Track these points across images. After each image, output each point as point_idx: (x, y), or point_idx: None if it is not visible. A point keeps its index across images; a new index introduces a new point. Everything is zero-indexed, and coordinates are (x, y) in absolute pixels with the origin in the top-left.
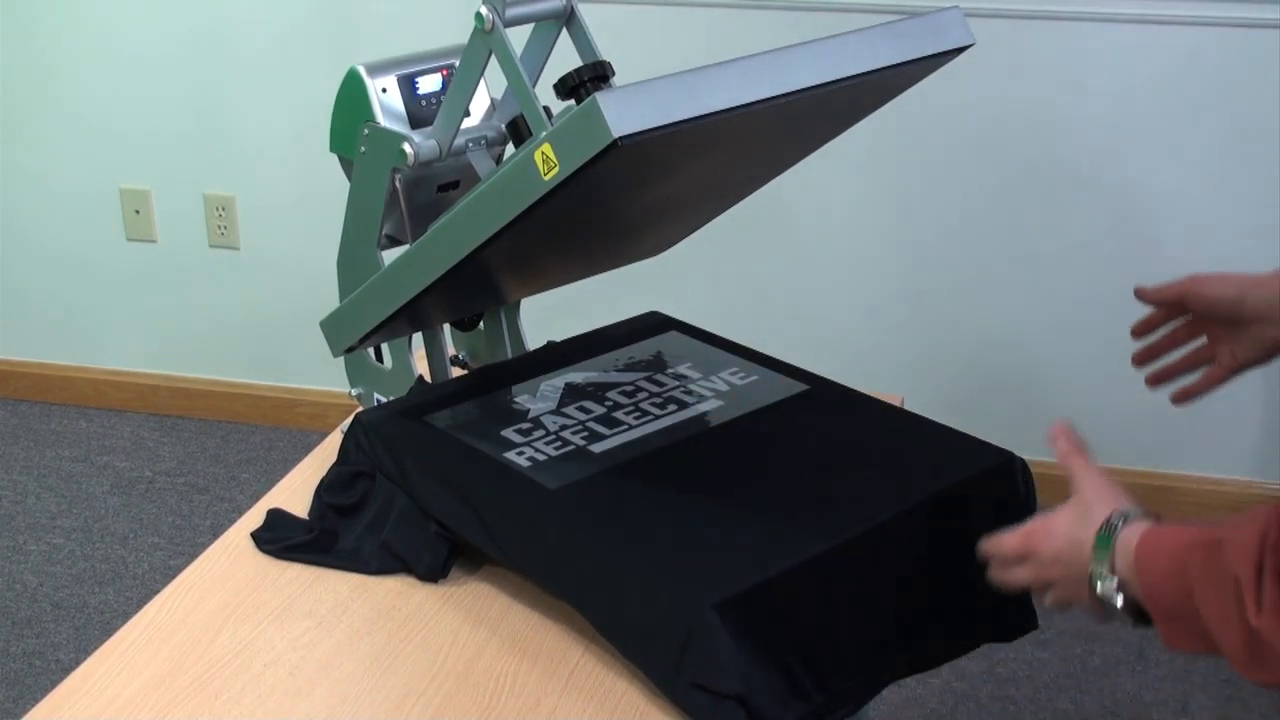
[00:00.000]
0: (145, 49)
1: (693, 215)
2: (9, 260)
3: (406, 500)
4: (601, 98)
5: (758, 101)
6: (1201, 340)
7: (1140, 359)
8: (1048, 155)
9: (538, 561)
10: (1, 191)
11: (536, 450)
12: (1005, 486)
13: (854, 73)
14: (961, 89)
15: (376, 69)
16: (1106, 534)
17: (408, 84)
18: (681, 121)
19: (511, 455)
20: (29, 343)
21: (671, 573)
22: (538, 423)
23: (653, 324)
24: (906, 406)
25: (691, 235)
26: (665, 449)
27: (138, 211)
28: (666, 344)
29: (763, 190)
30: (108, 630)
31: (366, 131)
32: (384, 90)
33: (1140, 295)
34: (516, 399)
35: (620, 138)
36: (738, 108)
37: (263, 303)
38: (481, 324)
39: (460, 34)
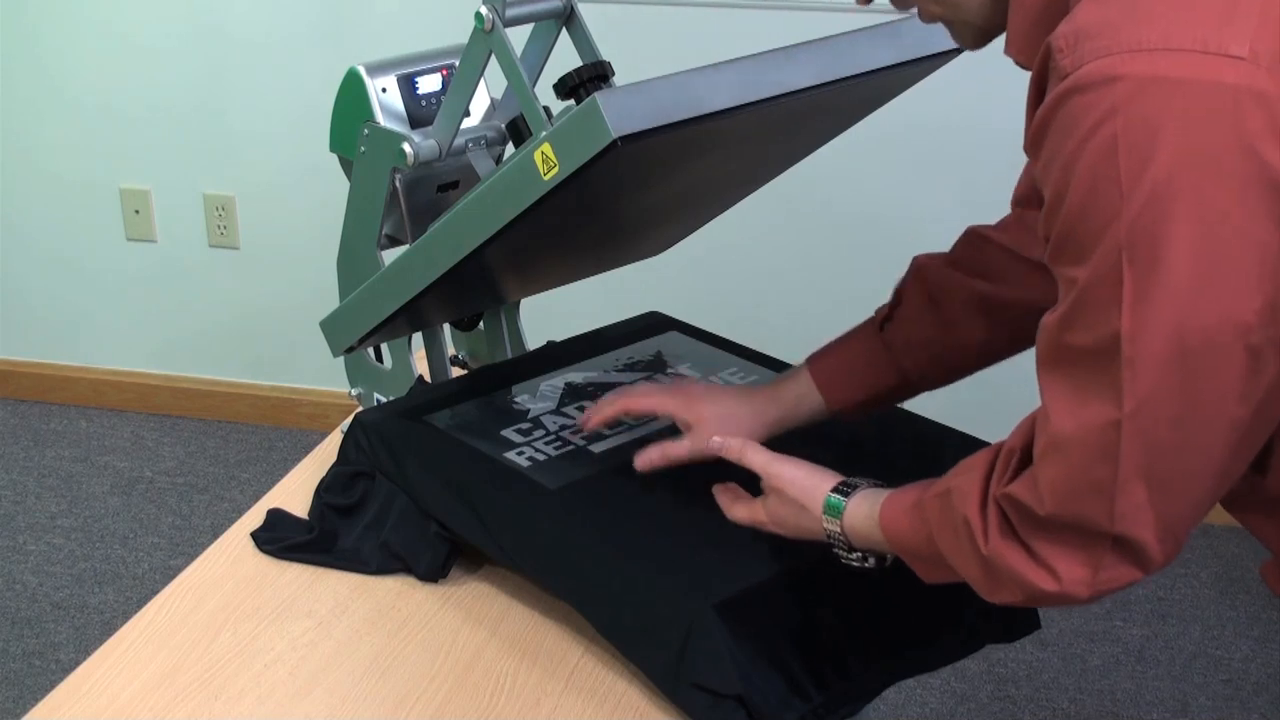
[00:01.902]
0: (145, 49)
1: (693, 215)
2: (9, 260)
3: (406, 500)
4: (601, 98)
5: (758, 101)
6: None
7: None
8: None
9: (538, 561)
10: (1, 191)
11: (536, 450)
12: None
13: (854, 73)
14: (961, 89)
15: (376, 69)
16: (830, 524)
17: (408, 84)
18: (681, 121)
19: (511, 455)
20: (29, 343)
21: (671, 573)
22: (538, 423)
23: (653, 324)
24: (907, 406)
25: (691, 235)
26: None
27: (138, 211)
28: (666, 344)
29: (762, 190)
30: (108, 630)
31: (366, 131)
32: (384, 90)
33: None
34: (516, 399)
35: (620, 138)
36: (738, 108)
37: (263, 303)
38: (481, 324)
39: (460, 34)
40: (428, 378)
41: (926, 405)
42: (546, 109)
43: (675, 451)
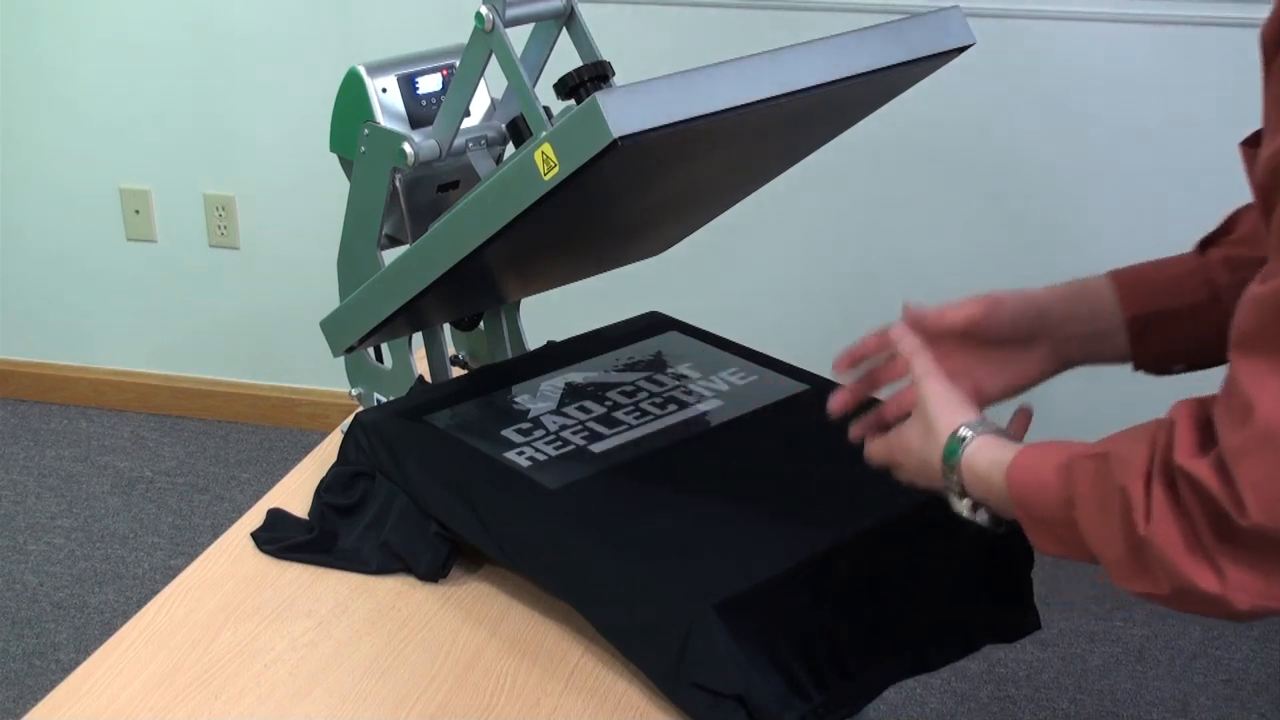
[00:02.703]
0: (146, 49)
1: (693, 215)
2: (9, 260)
3: (406, 500)
4: (601, 98)
5: (758, 101)
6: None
7: (841, 406)
8: (1048, 155)
9: (537, 561)
10: (1, 191)
11: (536, 450)
12: None
13: (854, 73)
14: (961, 89)
15: (376, 69)
16: (950, 458)
17: (408, 84)
18: (681, 121)
19: (511, 455)
20: (29, 343)
21: (672, 573)
22: (538, 423)
23: (653, 324)
24: None
25: (691, 235)
26: (665, 449)
27: (138, 211)
28: (666, 344)
29: (763, 190)
30: (108, 630)
31: (366, 131)
32: (384, 90)
33: (921, 321)
34: (516, 399)
35: (620, 138)
36: (738, 108)
37: (263, 303)
38: (481, 324)
39: (460, 34)
40: (428, 378)
41: None
42: (546, 109)
43: (948, 312)
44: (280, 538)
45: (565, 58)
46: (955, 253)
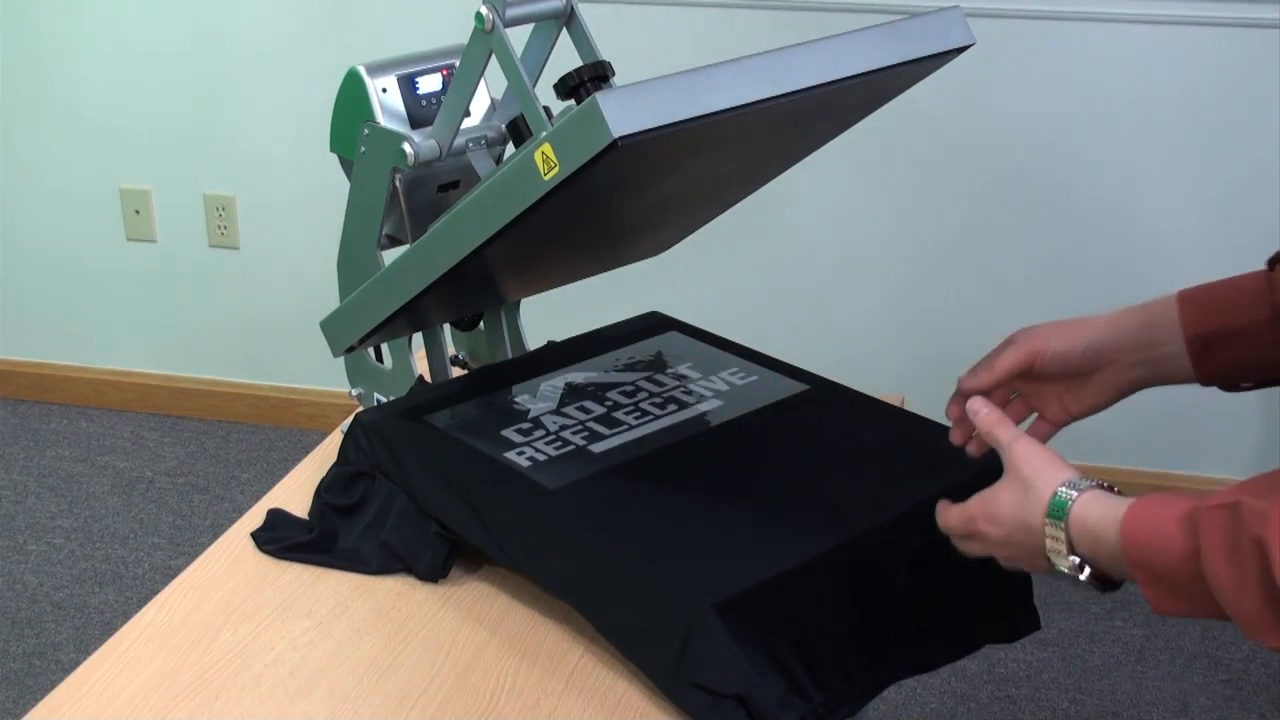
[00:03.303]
0: (146, 49)
1: (693, 215)
2: (9, 260)
3: (406, 500)
4: (601, 98)
5: (758, 101)
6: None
7: (962, 438)
8: (1049, 155)
9: (537, 562)
10: (1, 191)
11: (536, 450)
12: None
13: (854, 73)
14: (961, 89)
15: (376, 69)
16: (1057, 513)
17: (408, 84)
18: (681, 121)
19: (511, 455)
20: (29, 343)
21: (672, 573)
22: (538, 423)
23: (653, 324)
24: (906, 406)
25: (691, 235)
26: (665, 449)
27: (138, 211)
28: (666, 344)
29: (763, 190)
30: (108, 630)
31: (366, 131)
32: (384, 90)
33: (974, 389)
34: (516, 399)
35: (620, 138)
36: (738, 108)
37: (263, 303)
38: (481, 324)
39: (460, 34)
40: (428, 378)
41: (927, 405)
42: (546, 109)
43: (1001, 362)
44: (280, 538)
45: (565, 58)
46: (955, 251)
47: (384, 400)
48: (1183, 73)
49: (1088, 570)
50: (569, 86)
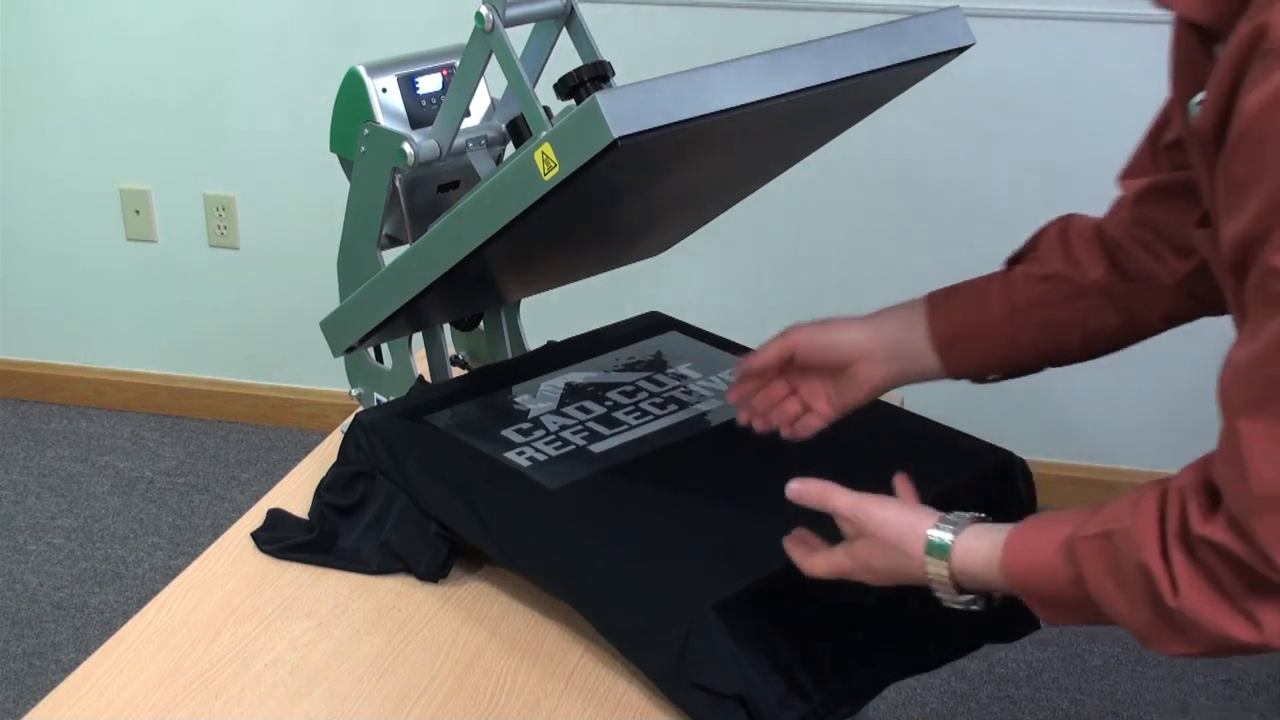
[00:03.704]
0: (146, 48)
1: (693, 215)
2: (9, 260)
3: (406, 500)
4: (601, 98)
5: (758, 101)
6: (788, 394)
7: (749, 419)
8: (1048, 153)
9: (537, 561)
10: (1, 191)
11: (536, 450)
12: (1005, 487)
13: (854, 73)
14: (961, 89)
15: (376, 69)
16: (937, 575)
17: (408, 84)
18: (681, 121)
19: (511, 455)
20: (29, 343)
21: (671, 573)
22: (538, 423)
23: (653, 324)
24: (906, 406)
25: (691, 235)
26: (665, 449)
27: (138, 211)
28: (666, 344)
29: (763, 190)
30: (108, 630)
31: (366, 131)
32: (384, 90)
33: (746, 374)
34: (516, 399)
35: (620, 138)
36: (738, 108)
37: (263, 303)
38: (481, 324)
39: (460, 34)
40: (428, 378)
41: (927, 405)
42: (546, 109)
43: (765, 350)
44: (280, 538)
45: (565, 58)
46: (953, 252)
47: (384, 400)
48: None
49: (981, 601)
50: (569, 86)
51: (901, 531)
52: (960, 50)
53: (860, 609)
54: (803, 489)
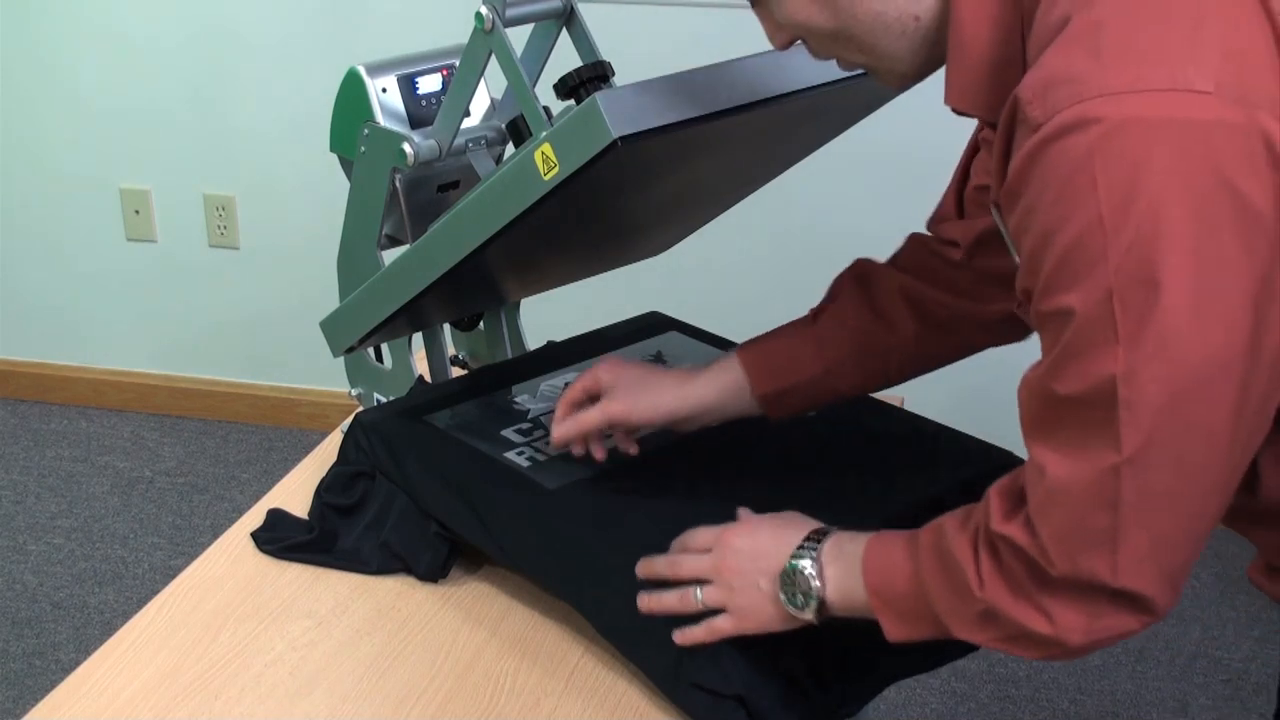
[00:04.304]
0: (146, 49)
1: (693, 215)
2: (9, 260)
3: (406, 500)
4: (601, 98)
5: (757, 102)
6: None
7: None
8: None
9: (537, 561)
10: (2, 191)
11: (536, 450)
12: None
13: (854, 73)
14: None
15: (376, 69)
16: (804, 596)
17: (408, 84)
18: (681, 121)
19: (511, 455)
20: (29, 343)
21: None
22: (538, 423)
23: (653, 324)
24: (906, 406)
25: (691, 235)
26: (665, 449)
27: (138, 211)
28: (666, 344)
29: (763, 190)
30: (108, 630)
31: (366, 131)
32: (384, 90)
33: (563, 441)
34: (516, 399)
35: (620, 138)
36: (737, 108)
37: (263, 303)
38: (481, 324)
39: (460, 34)
40: (428, 378)
41: (927, 405)
42: (546, 109)
43: (587, 419)
44: (280, 538)
45: (565, 58)
46: None
47: (384, 400)
48: None
49: (811, 607)
50: (569, 86)
51: (767, 545)
52: None
53: None
54: (648, 566)
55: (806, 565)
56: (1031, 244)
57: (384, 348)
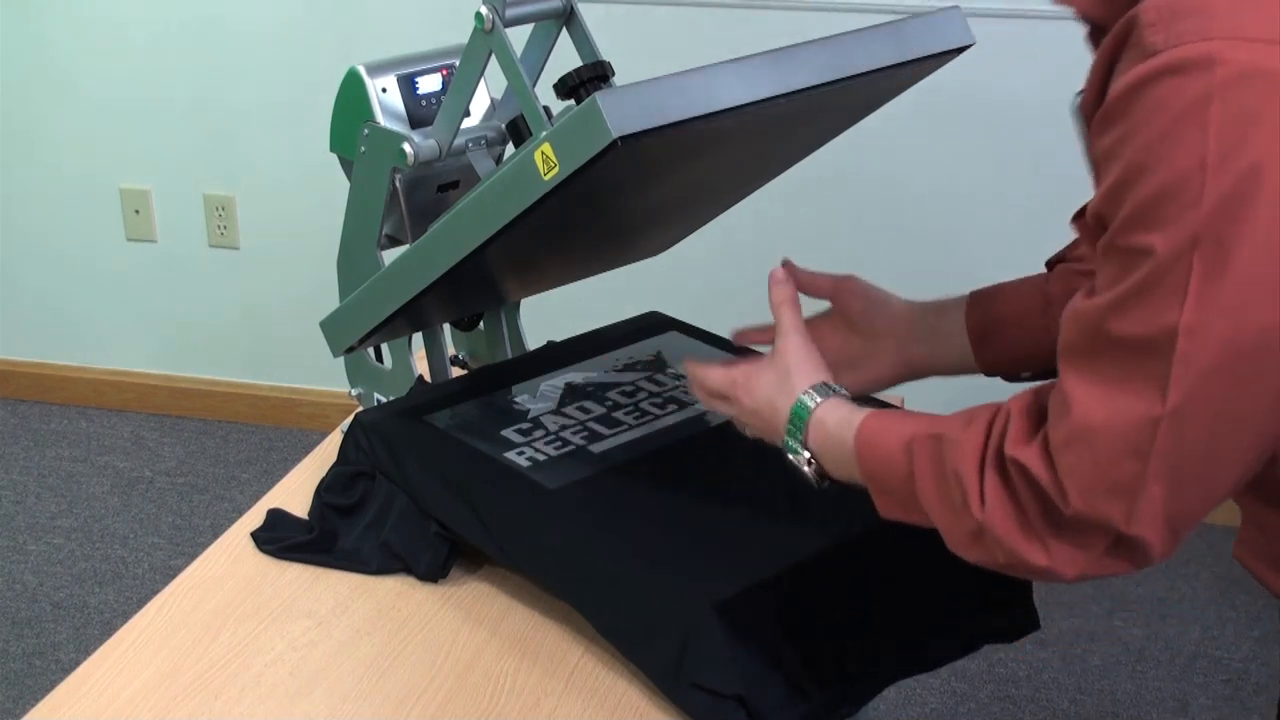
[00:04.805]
0: (146, 48)
1: (693, 215)
2: (9, 260)
3: (406, 500)
4: (601, 98)
5: (758, 101)
6: None
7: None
8: (1050, 151)
9: (537, 561)
10: (2, 191)
11: (536, 450)
12: None
13: (854, 73)
14: (961, 89)
15: (376, 69)
16: (800, 409)
17: (408, 84)
18: (681, 121)
19: (511, 455)
20: (29, 343)
21: (671, 573)
22: (538, 423)
23: (653, 324)
24: (906, 407)
25: (691, 235)
26: (665, 449)
27: (138, 211)
28: (666, 344)
29: (763, 190)
30: (108, 630)
31: (366, 131)
32: (384, 90)
33: (786, 276)
34: (516, 399)
35: (620, 138)
36: (738, 107)
37: (263, 303)
38: (481, 324)
39: (460, 34)
40: (428, 378)
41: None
42: (546, 109)
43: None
44: (280, 538)
45: (565, 58)
46: (958, 252)
47: (384, 400)
48: None
49: (814, 464)
50: (569, 86)
51: (801, 363)
52: (960, 50)
53: (860, 609)
54: (779, 283)
55: (795, 447)
56: (1122, 172)
57: (384, 348)
